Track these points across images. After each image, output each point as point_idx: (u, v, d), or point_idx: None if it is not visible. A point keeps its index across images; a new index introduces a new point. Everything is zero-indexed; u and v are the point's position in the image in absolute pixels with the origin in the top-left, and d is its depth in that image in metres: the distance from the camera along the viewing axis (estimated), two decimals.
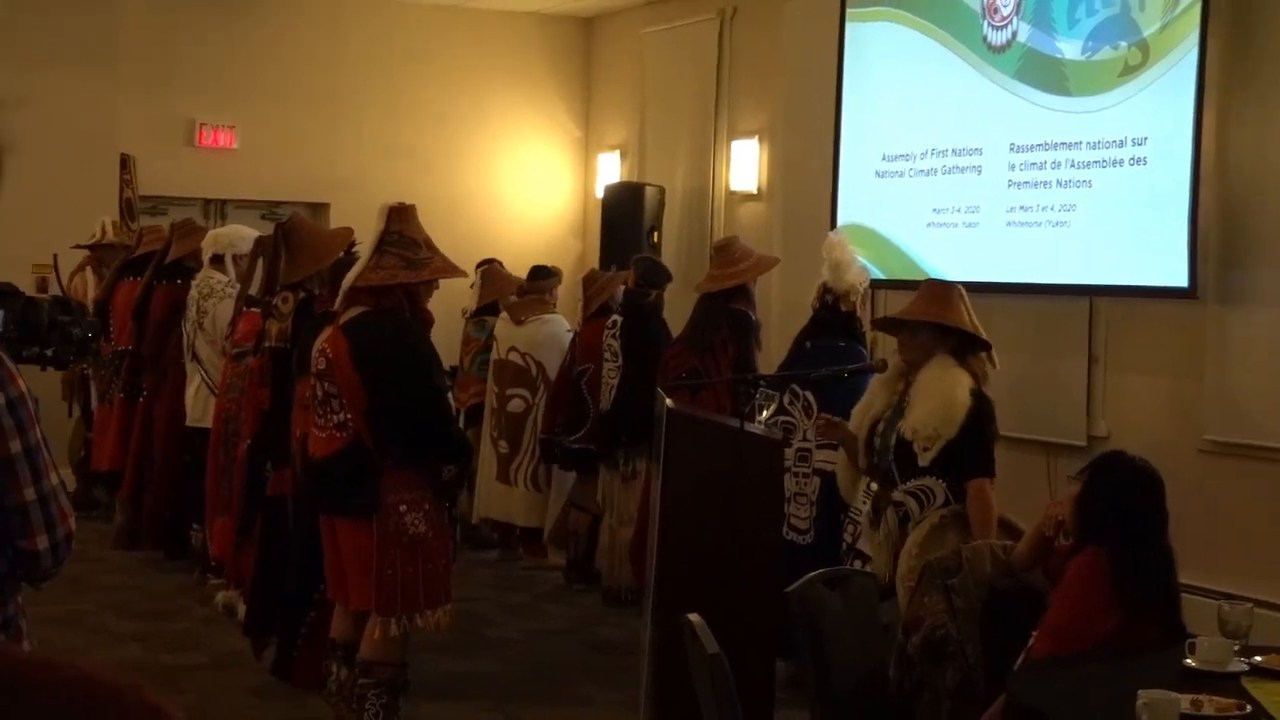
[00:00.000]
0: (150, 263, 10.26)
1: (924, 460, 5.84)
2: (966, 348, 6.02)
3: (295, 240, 7.38)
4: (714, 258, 8.65)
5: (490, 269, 10.95)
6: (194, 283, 9.58)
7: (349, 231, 7.39)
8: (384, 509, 6.02)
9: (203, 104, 13.34)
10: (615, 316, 9.46)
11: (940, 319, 5.98)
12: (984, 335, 6.07)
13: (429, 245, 6.19)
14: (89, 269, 11.42)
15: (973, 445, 5.89)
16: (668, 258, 11.84)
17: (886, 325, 6.54)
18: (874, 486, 6.15)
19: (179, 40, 13.24)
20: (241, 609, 8.43)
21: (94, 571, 9.68)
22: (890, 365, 6.22)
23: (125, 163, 12.53)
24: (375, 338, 6.04)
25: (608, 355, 9.34)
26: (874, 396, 6.12)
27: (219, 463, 8.65)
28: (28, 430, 3.21)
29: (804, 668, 4.86)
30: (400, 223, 6.17)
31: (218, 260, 9.46)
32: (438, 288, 6.39)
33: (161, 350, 10.01)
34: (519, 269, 11.24)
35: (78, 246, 11.44)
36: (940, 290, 6.24)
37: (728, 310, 8.25)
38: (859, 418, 6.15)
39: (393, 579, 6.05)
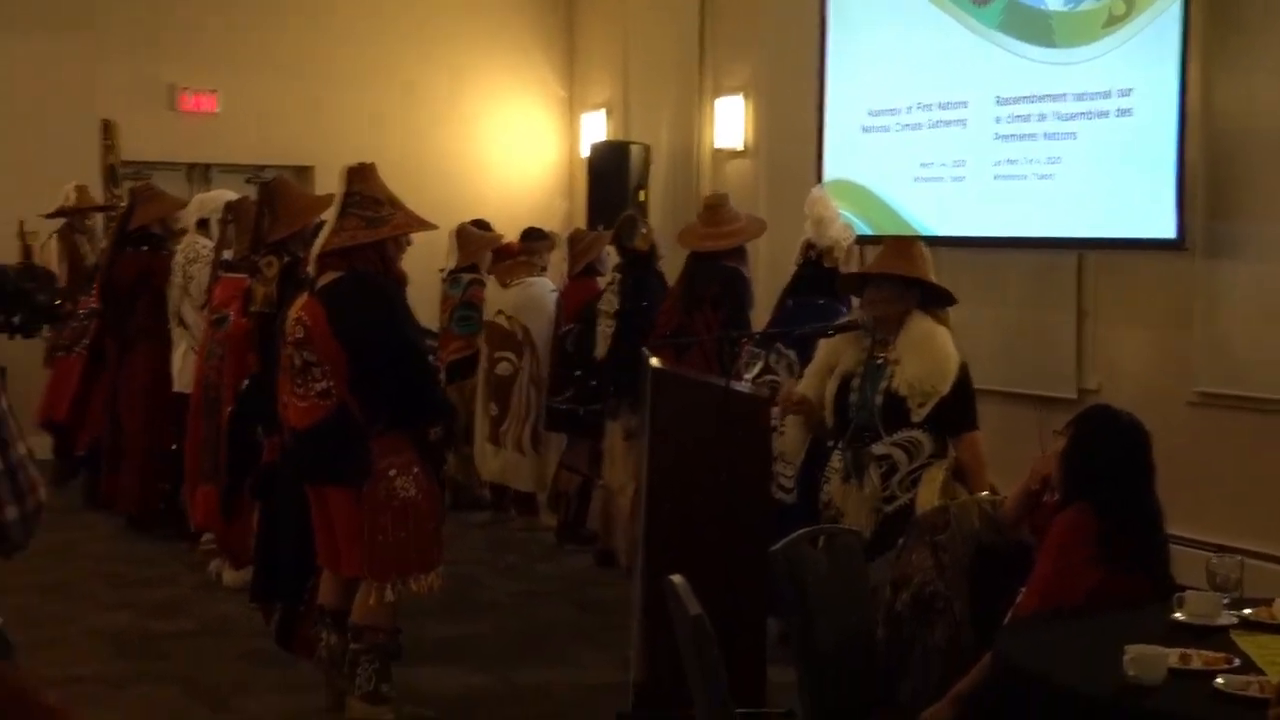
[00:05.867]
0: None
1: (917, 416, 5.85)
2: (931, 302, 6.02)
3: (278, 200, 7.36)
4: (705, 215, 8.55)
5: (462, 228, 10.87)
6: (179, 248, 9.55)
7: (332, 196, 7.34)
8: (374, 475, 6.00)
9: (184, 68, 13.28)
10: (614, 274, 9.39)
11: (907, 272, 5.98)
12: (946, 289, 6.09)
13: (392, 203, 6.13)
14: (55, 236, 11.35)
15: (963, 400, 5.94)
16: (655, 216, 11.80)
17: (852, 283, 6.56)
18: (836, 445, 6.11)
19: (159, 4, 13.15)
20: (229, 576, 8.43)
21: (82, 539, 9.66)
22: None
23: (107, 128, 12.47)
24: (351, 302, 6.00)
25: (604, 307, 9.22)
26: (834, 355, 6.09)
27: (200, 431, 8.62)
28: None
29: (791, 625, 4.84)
30: (360, 182, 6.12)
31: (203, 225, 9.43)
32: (409, 243, 6.32)
33: (129, 318, 9.89)
34: (507, 231, 11.19)
35: (47, 215, 11.37)
36: (903, 245, 6.26)
37: (720, 267, 8.17)
38: (816, 378, 6.13)
39: (384, 544, 6.04)
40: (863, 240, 9.06)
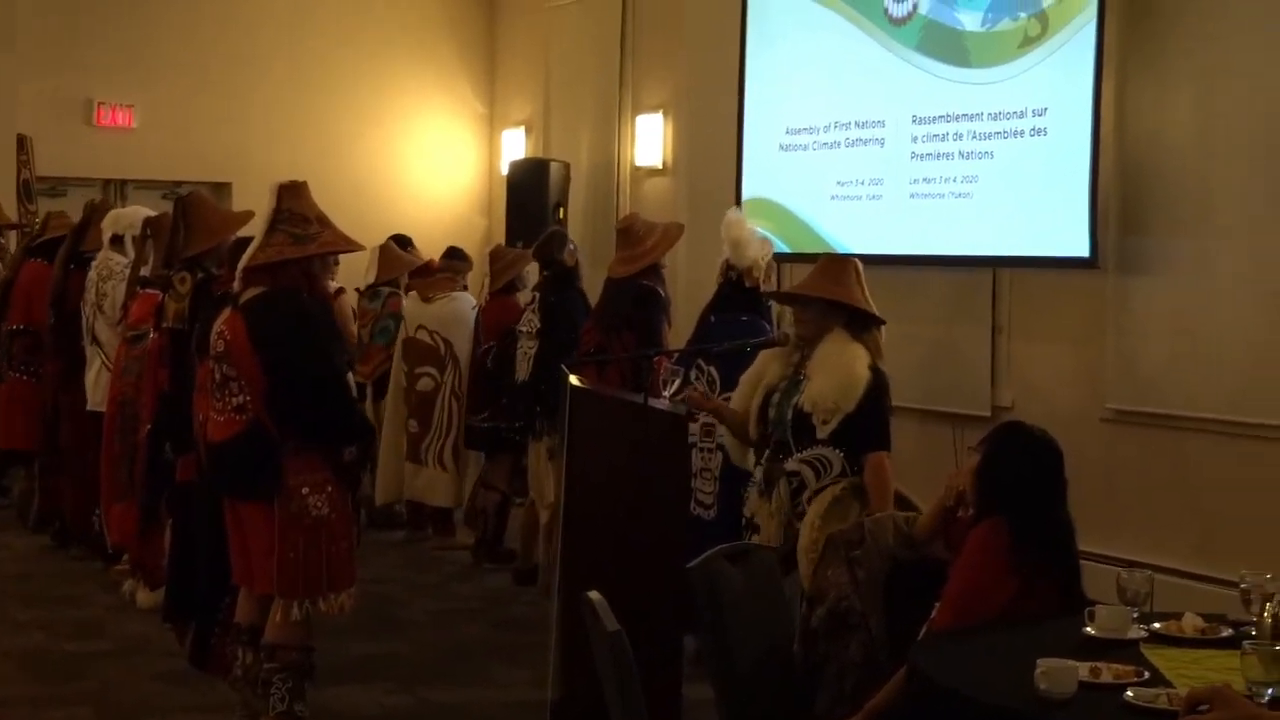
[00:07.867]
0: (59, 246, 10.03)
1: (822, 433, 5.87)
2: (861, 322, 6.05)
3: (193, 216, 7.33)
4: (618, 240, 8.62)
5: (386, 246, 10.85)
6: (94, 264, 9.45)
7: (249, 214, 7.32)
8: (286, 491, 5.98)
9: (101, 82, 13.18)
10: (533, 292, 9.41)
11: (832, 295, 6.00)
12: (876, 311, 6.11)
13: (321, 221, 6.14)
14: None
15: (871, 419, 5.93)
16: (575, 233, 11.77)
17: (783, 299, 6.62)
18: (760, 457, 6.15)
19: (77, 17, 13.08)
20: (143, 596, 8.35)
21: None
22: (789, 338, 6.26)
23: (22, 143, 12.36)
24: (272, 318, 5.99)
25: (524, 328, 9.22)
26: (765, 368, 6.15)
27: (114, 448, 8.54)
28: None
29: (707, 642, 4.85)
30: (291, 199, 6.12)
31: (117, 241, 9.34)
32: (337, 263, 6.34)
33: (78, 336, 9.77)
34: (425, 247, 11.21)
35: None
36: (835, 266, 6.27)
37: (634, 286, 8.23)
38: (748, 388, 6.18)
39: (295, 562, 6.01)
40: (781, 258, 9.11)
